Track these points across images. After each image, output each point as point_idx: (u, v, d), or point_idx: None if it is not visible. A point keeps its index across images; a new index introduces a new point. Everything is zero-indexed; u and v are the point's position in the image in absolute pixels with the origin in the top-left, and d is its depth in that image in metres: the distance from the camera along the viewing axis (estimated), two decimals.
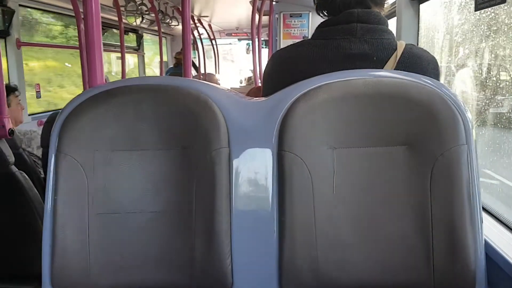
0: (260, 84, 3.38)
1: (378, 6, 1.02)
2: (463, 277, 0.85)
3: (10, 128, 1.51)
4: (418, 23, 1.95)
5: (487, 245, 0.94)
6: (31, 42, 3.71)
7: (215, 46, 7.15)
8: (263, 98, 0.97)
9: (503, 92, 1.48)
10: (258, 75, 3.55)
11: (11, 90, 2.45)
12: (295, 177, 0.89)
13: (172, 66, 5.91)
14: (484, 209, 1.18)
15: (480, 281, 0.85)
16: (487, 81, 1.59)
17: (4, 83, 1.56)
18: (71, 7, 2.81)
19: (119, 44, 3.92)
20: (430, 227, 0.86)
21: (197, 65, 6.40)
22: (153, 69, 7.21)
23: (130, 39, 6.03)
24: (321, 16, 1.08)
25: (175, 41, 7.41)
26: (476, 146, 0.88)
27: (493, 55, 1.55)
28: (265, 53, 5.30)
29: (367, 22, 0.97)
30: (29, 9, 3.65)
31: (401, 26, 1.96)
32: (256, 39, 3.61)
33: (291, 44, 1.04)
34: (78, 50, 3.17)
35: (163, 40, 5.84)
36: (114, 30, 5.15)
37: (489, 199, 1.30)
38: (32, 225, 1.52)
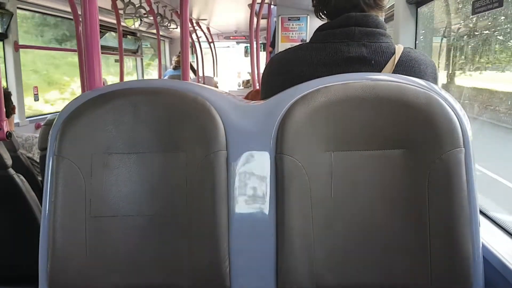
0: (258, 87, 3.39)
1: (375, 9, 1.02)
2: (461, 280, 0.85)
3: (7, 131, 1.51)
4: (416, 27, 1.96)
5: (484, 248, 0.94)
6: (29, 45, 3.71)
7: (213, 49, 7.16)
8: (261, 101, 0.97)
9: None
10: (257, 78, 3.55)
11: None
12: (293, 180, 0.89)
13: (170, 69, 5.91)
14: (481, 212, 1.18)
15: (478, 284, 0.85)
16: None
17: (2, 86, 1.55)
18: (69, 9, 2.82)
19: (118, 47, 3.92)
20: (428, 230, 0.86)
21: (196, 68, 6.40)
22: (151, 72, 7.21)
23: (129, 42, 6.03)
24: (320, 18, 1.09)
25: (174, 44, 7.42)
26: (473, 149, 0.88)
27: None
28: (262, 56, 5.30)
29: (366, 26, 0.97)
30: None
31: (398, 30, 1.97)
32: (255, 42, 3.61)
33: (289, 48, 1.04)
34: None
35: (162, 43, 5.84)
36: (113, 33, 5.15)
37: None
38: (29, 228, 1.51)
